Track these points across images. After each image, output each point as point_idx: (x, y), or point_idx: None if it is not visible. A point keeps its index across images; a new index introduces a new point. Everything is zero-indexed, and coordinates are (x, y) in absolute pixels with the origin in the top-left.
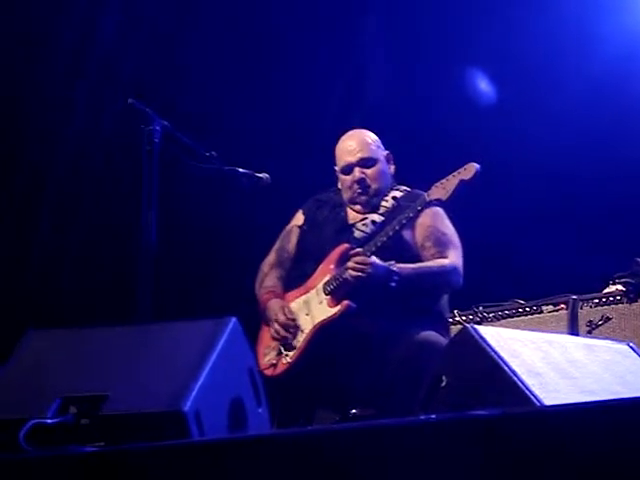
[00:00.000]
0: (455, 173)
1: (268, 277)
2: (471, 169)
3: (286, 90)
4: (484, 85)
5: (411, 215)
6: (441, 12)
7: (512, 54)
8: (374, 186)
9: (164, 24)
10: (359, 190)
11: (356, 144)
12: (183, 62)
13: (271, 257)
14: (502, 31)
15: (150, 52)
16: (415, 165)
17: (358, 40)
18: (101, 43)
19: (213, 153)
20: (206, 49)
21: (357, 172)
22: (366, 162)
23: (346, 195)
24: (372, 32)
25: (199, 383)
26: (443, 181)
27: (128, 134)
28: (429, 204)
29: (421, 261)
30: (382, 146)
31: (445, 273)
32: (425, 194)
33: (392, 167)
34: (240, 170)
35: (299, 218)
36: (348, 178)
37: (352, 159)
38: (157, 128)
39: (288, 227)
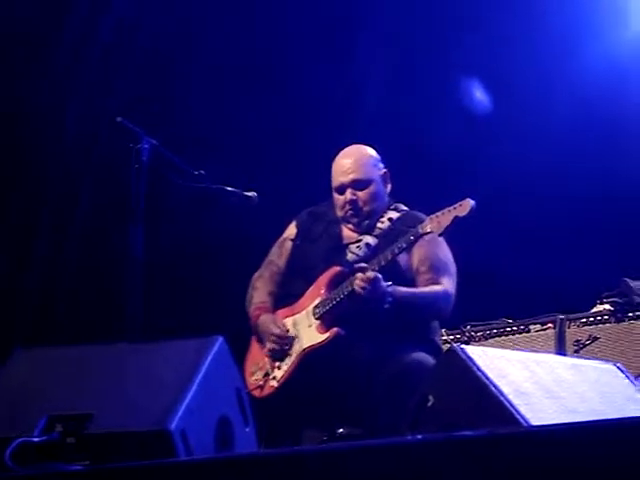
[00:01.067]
0: (451, 208)
1: (258, 292)
2: (466, 206)
3: (279, 105)
4: (475, 100)
5: (404, 246)
6: (435, 28)
7: (503, 72)
8: (366, 208)
9: (156, 41)
10: (351, 212)
11: (351, 163)
12: (175, 79)
13: (262, 271)
14: (492, 49)
15: (142, 69)
16: (409, 177)
17: (353, 54)
18: (93, 59)
19: (202, 172)
20: (199, 65)
21: (349, 194)
22: (359, 184)
23: (339, 213)
24: (367, 47)
25: (185, 402)
26: (438, 214)
27: (117, 152)
28: (422, 236)
29: (414, 286)
30: (380, 164)
31: (437, 300)
32: (419, 226)
33: (388, 186)
34: (228, 189)
35: (292, 231)
36: (341, 198)
37: (345, 180)
38: (145, 146)
39: (280, 239)
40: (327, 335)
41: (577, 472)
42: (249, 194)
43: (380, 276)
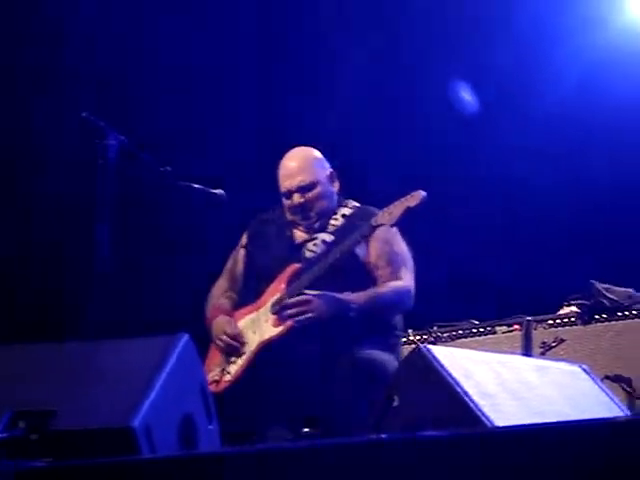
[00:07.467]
0: (403, 200)
1: (215, 296)
2: (417, 196)
3: (248, 101)
4: (458, 99)
5: (359, 239)
6: (414, 26)
7: (479, 75)
8: (315, 210)
9: (122, 39)
10: (300, 215)
11: (295, 167)
12: (142, 76)
13: (221, 281)
14: (472, 49)
15: (109, 66)
16: (384, 171)
17: (327, 46)
18: (63, 55)
19: (168, 168)
20: (167, 61)
21: (296, 198)
22: (304, 188)
23: (289, 218)
24: (343, 44)
25: (149, 399)
26: (390, 207)
27: (84, 148)
28: (376, 228)
29: (374, 279)
30: (326, 164)
31: (399, 296)
32: (372, 220)
33: (336, 184)
34: (195, 186)
35: (244, 240)
36: (288, 202)
37: (291, 185)
38: (112, 142)
39: (235, 250)
40: (281, 329)
41: (541, 473)
42: (216, 191)
43: (319, 293)
